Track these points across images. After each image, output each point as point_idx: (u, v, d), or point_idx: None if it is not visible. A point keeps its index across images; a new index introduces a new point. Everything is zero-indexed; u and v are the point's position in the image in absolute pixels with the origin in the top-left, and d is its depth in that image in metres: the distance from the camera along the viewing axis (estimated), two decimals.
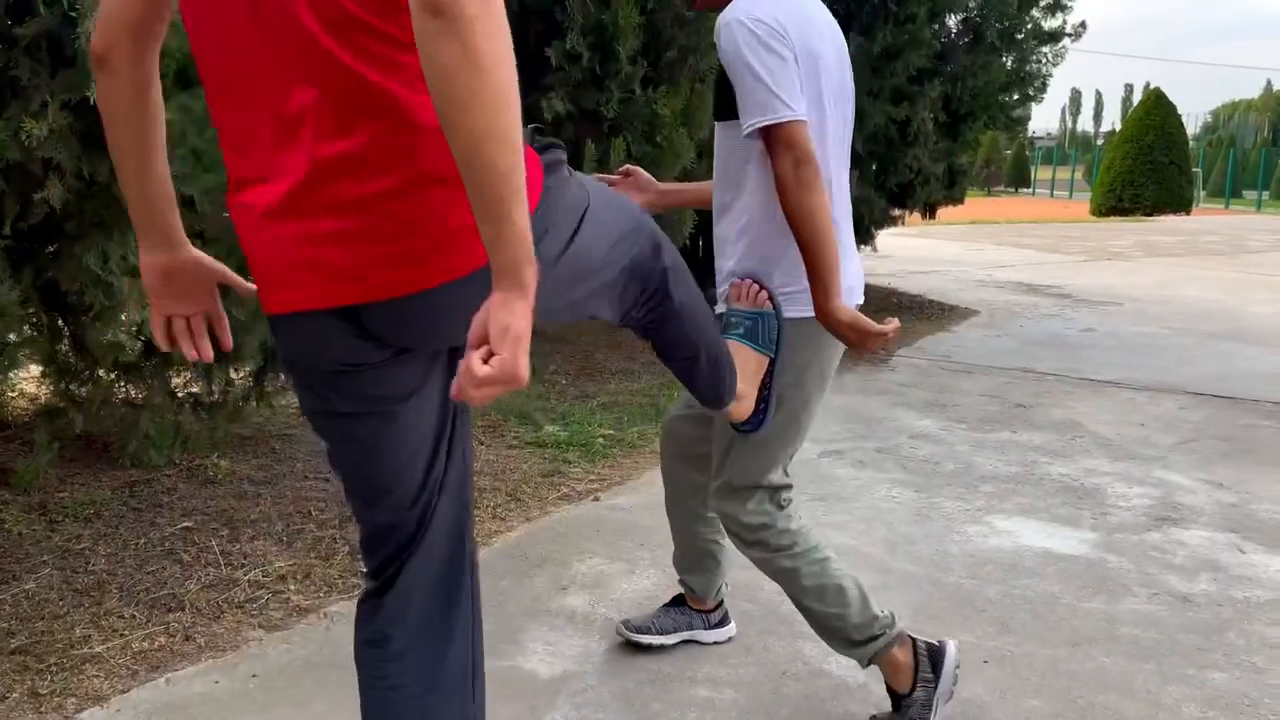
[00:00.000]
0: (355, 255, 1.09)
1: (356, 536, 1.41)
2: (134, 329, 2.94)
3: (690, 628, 2.36)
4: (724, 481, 1.97)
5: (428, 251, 1.09)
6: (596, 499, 3.32)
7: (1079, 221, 19.97)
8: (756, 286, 1.85)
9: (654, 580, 2.70)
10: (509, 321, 0.99)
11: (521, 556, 2.82)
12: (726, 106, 1.80)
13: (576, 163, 4.49)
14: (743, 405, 1.85)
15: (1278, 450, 4.10)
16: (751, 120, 1.72)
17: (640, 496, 3.34)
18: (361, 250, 1.09)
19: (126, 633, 2.29)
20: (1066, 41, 7.69)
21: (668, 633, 2.34)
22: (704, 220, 6.35)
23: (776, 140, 1.71)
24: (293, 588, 2.55)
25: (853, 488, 3.52)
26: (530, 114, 4.64)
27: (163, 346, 1.38)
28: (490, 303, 1.00)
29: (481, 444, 3.82)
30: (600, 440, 3.90)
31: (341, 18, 1.05)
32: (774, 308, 1.84)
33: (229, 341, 1.41)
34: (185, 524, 2.91)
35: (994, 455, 3.95)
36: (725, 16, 1.75)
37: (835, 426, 4.20)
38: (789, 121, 1.69)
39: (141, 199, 1.27)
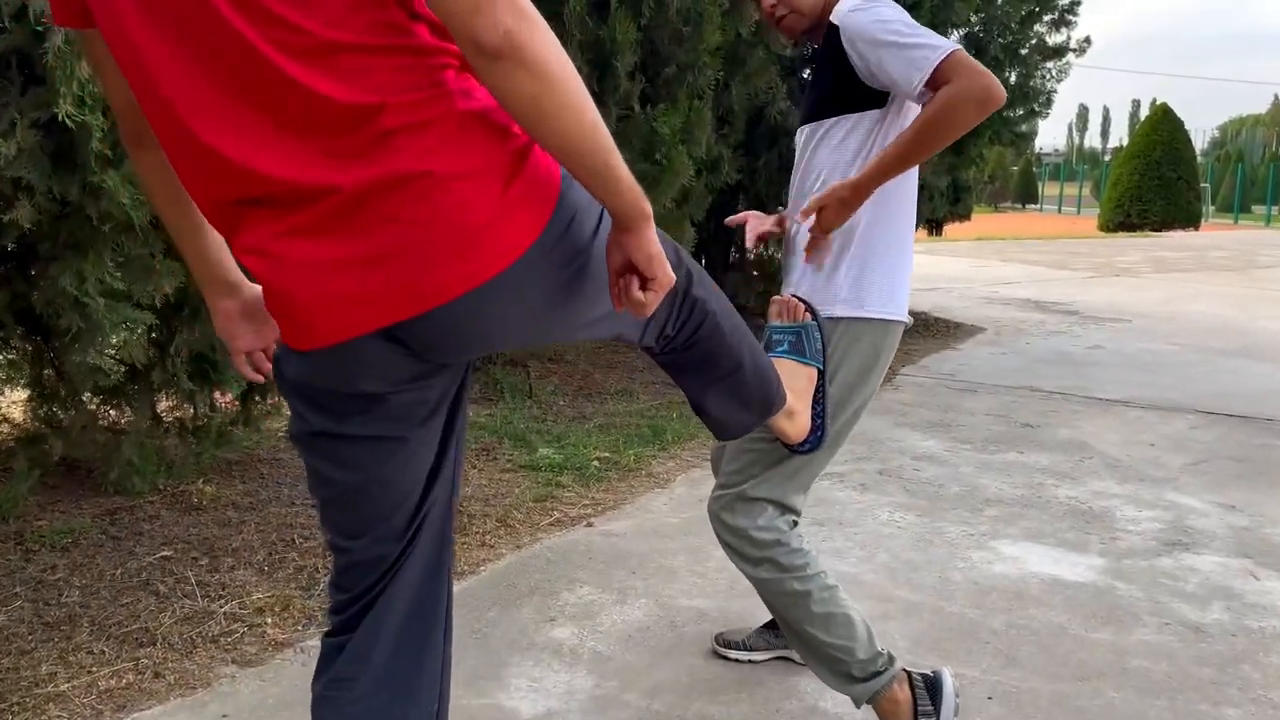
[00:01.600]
0: (397, 267, 1.05)
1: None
2: (113, 352, 2.87)
3: (785, 647, 2.32)
4: (738, 491, 1.92)
5: (468, 248, 1.06)
6: (589, 524, 3.23)
7: (1087, 237, 19.86)
8: (795, 301, 1.85)
9: (645, 611, 2.61)
10: (650, 250, 1.12)
11: (509, 586, 2.73)
12: (835, 103, 1.88)
13: None
14: (797, 423, 1.80)
15: None
16: (919, 72, 1.72)
17: (634, 522, 3.25)
18: (401, 261, 1.05)
19: (94, 669, 2.20)
20: (1071, 57, 7.62)
21: (758, 650, 2.34)
22: (707, 234, 6.29)
23: (950, 66, 1.70)
24: (270, 621, 2.46)
25: (853, 512, 3.42)
26: None
27: (253, 379, 1.43)
28: (624, 240, 1.12)
29: (474, 467, 3.74)
30: (595, 463, 3.81)
31: (310, 45, 1.02)
32: (814, 318, 1.84)
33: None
34: (165, 553, 2.82)
35: (1000, 477, 3.85)
36: (839, 16, 1.84)
37: None
38: (957, 49, 1.71)
39: (195, 254, 1.33)
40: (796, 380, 1.80)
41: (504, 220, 1.06)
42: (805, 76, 6.74)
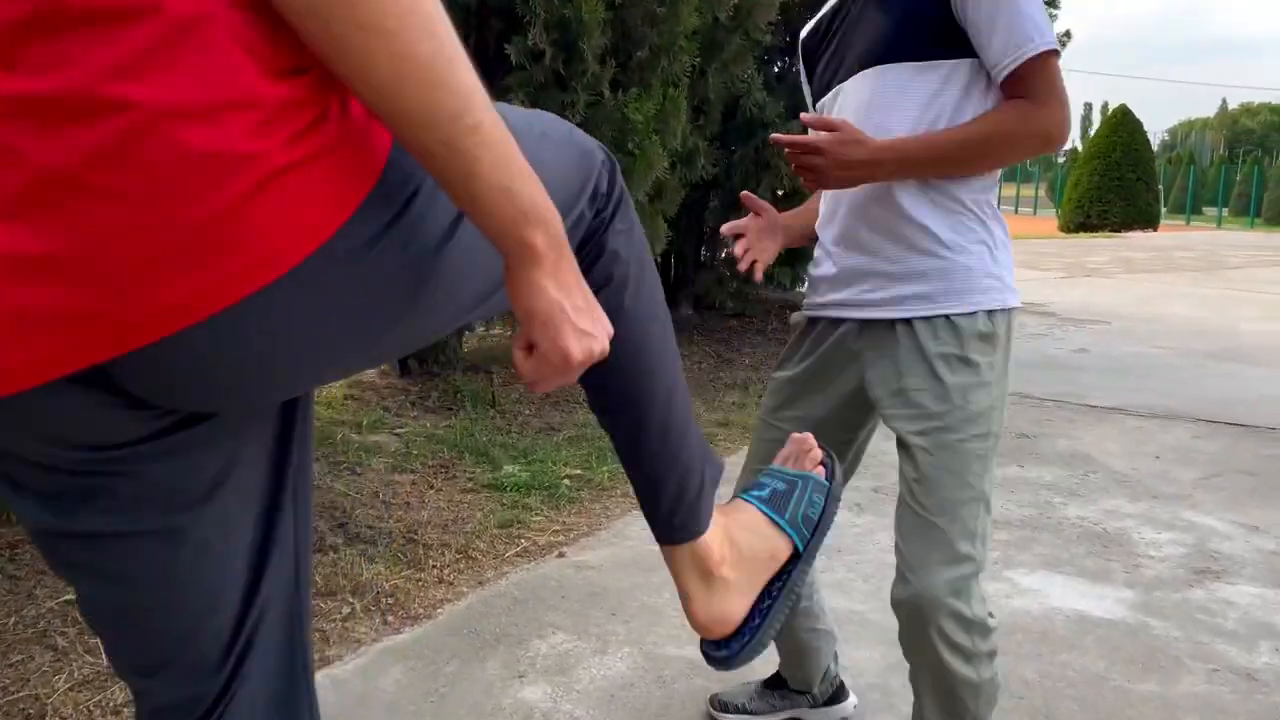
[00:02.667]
0: (92, 272, 0.62)
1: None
2: None
3: (794, 707, 2.02)
4: (978, 565, 1.53)
5: (210, 242, 0.63)
6: (561, 555, 2.88)
7: (1051, 237, 19.86)
8: (812, 443, 1.28)
9: (628, 663, 2.27)
10: (528, 304, 0.77)
11: (472, 633, 2.38)
12: (908, 45, 1.51)
13: None
14: (726, 606, 1.15)
15: None
16: (1015, 53, 1.41)
17: (610, 551, 2.91)
18: (99, 262, 0.62)
19: None
20: None
21: (761, 713, 2.02)
22: (679, 230, 5.96)
23: (1050, 74, 1.43)
24: None
25: (852, 536, 3.11)
26: None
27: None
28: (506, 282, 0.78)
29: (431, 488, 3.38)
30: (566, 482, 3.46)
31: None
32: (829, 475, 1.24)
33: None
34: (69, 596, 2.43)
35: (1004, 495, 3.56)
36: None
37: None
38: (1055, 52, 1.43)
39: None
40: (757, 542, 1.16)
41: (278, 195, 0.65)
42: (781, 66, 6.43)
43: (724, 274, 6.54)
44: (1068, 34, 7.45)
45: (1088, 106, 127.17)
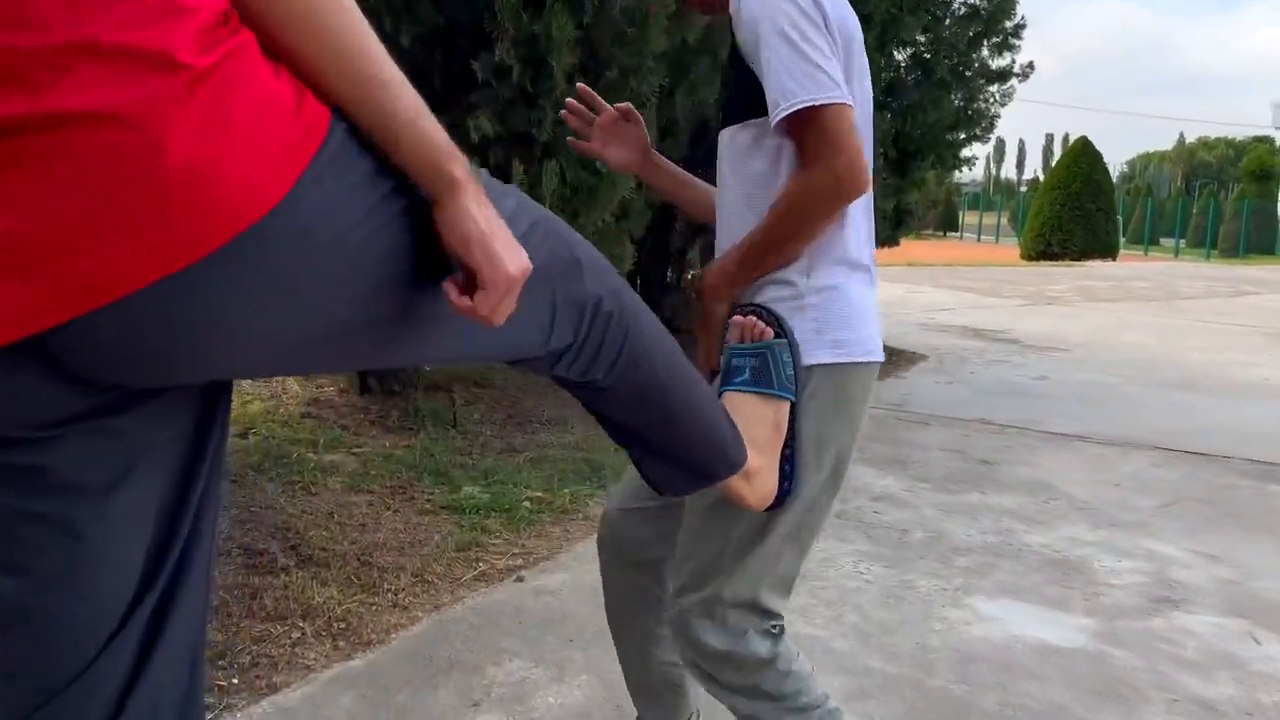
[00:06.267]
0: (28, 240, 0.62)
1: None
2: None
3: None
4: (707, 596, 1.43)
5: (154, 204, 0.64)
6: (519, 579, 2.83)
7: (1012, 265, 20.11)
8: (756, 319, 1.39)
9: (587, 690, 2.22)
10: (463, 229, 0.82)
11: (425, 660, 2.32)
12: (747, 104, 1.39)
13: None
14: (759, 486, 1.35)
15: (1263, 515, 3.78)
16: (788, 102, 1.30)
17: (570, 575, 2.86)
18: (37, 230, 0.62)
19: None
20: (1014, 82, 7.52)
21: None
22: (645, 251, 5.95)
23: (819, 127, 1.30)
24: None
25: (815, 561, 3.08)
26: (455, 134, 4.18)
27: None
28: (435, 216, 0.82)
29: (388, 509, 3.31)
30: (526, 504, 3.41)
31: None
32: (785, 334, 1.38)
33: None
34: None
35: (966, 521, 3.56)
36: None
37: None
38: (838, 104, 1.30)
39: None
40: (758, 428, 1.36)
41: (212, 167, 0.66)
42: None
43: (691, 296, 6.53)
44: (1031, 65, 7.55)
45: (1049, 137, 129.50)
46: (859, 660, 2.44)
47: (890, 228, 7.50)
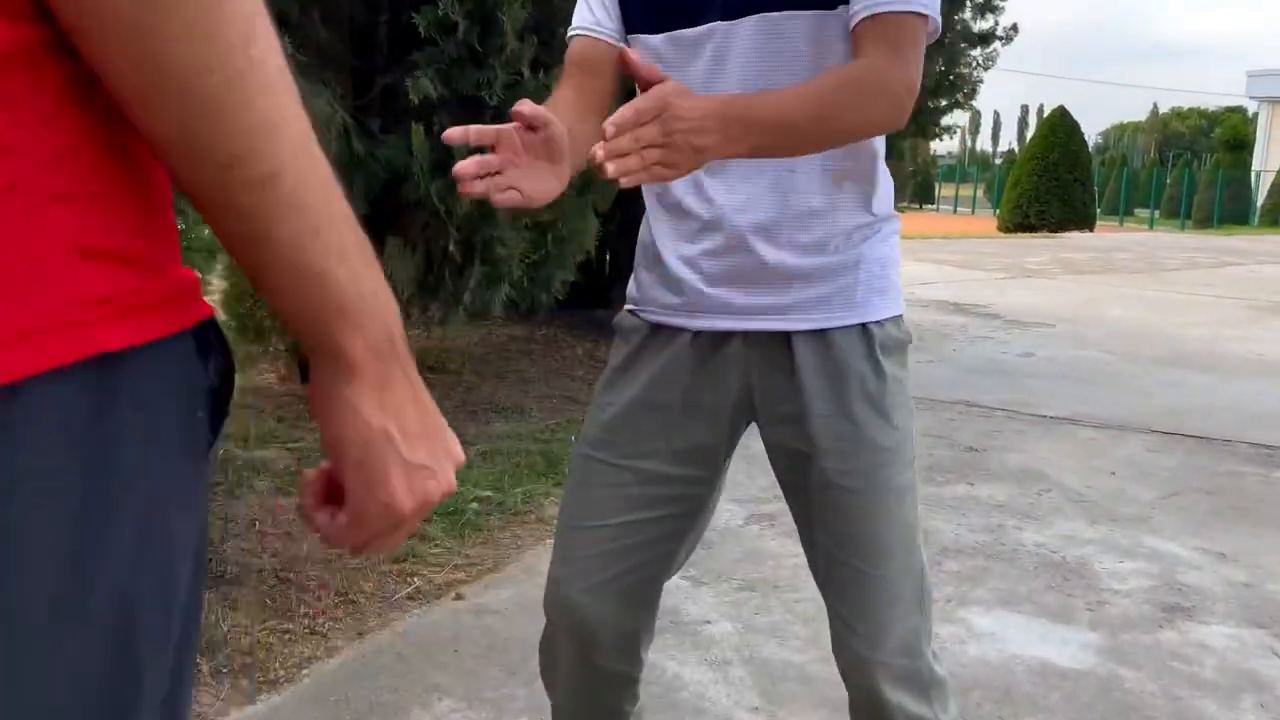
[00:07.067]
0: None
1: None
2: None
3: None
4: (918, 668, 1.29)
5: None
6: (459, 597, 2.52)
7: (990, 237, 19.89)
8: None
9: None
10: (335, 431, 0.58)
11: (341, 701, 2.00)
12: None
13: (450, 155, 3.69)
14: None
15: (1272, 507, 3.52)
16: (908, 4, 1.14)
17: (517, 590, 2.55)
18: None
19: None
20: (998, 45, 7.22)
21: None
22: (614, 226, 5.60)
23: (914, 40, 1.16)
24: None
25: (789, 569, 2.78)
26: (393, 96, 3.83)
27: None
28: (310, 397, 0.59)
29: None
30: (473, 506, 3.09)
31: None
32: None
33: None
34: None
35: (954, 517, 3.27)
36: None
37: (763, 479, 3.47)
38: (933, 23, 1.18)
39: None
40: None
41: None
42: None
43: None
44: (1015, 27, 7.25)
45: (1024, 109, 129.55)
46: (842, 691, 2.14)
47: None
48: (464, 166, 1.00)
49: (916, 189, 44.44)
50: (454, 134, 1.01)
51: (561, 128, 1.07)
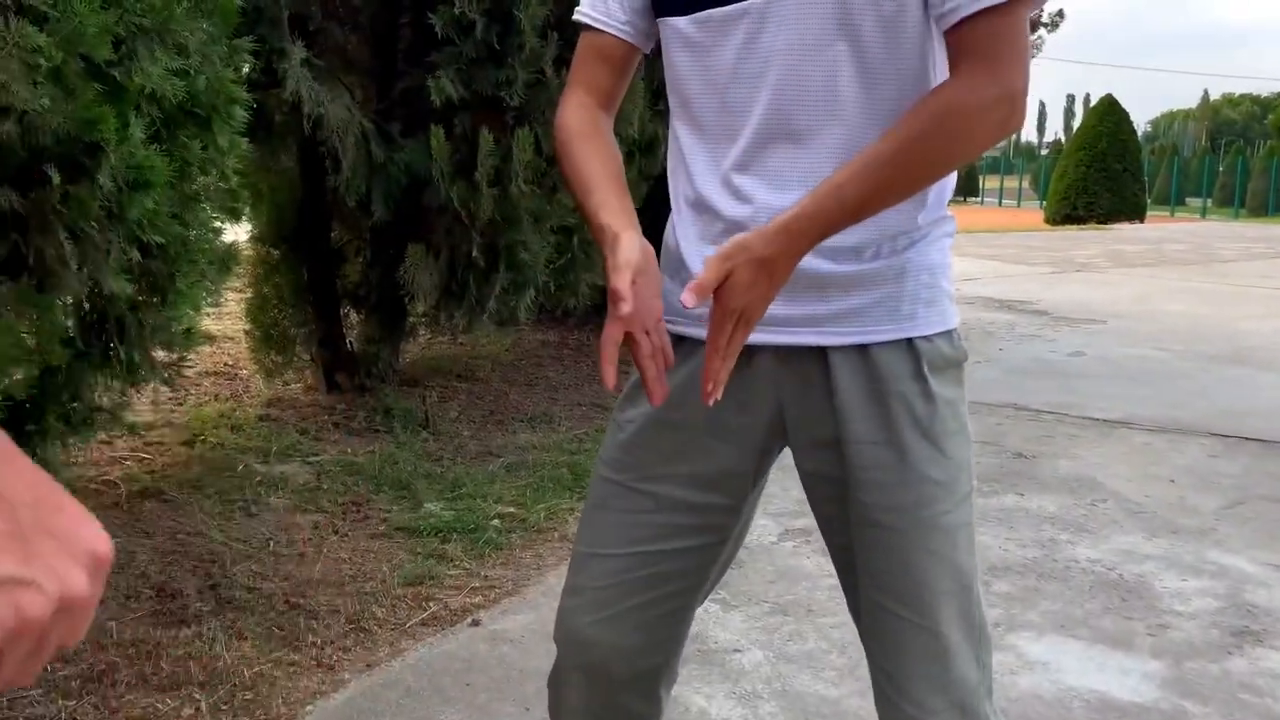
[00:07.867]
0: None
1: None
2: None
3: None
4: (973, 702, 1.16)
5: None
6: (475, 623, 2.40)
7: (1037, 230, 19.48)
8: None
9: None
10: None
11: None
12: None
13: (471, 158, 3.57)
14: None
15: None
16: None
17: (536, 616, 2.43)
18: None
19: None
20: (1043, 32, 6.97)
21: None
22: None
23: (1012, 28, 1.01)
24: None
25: (824, 591, 2.63)
26: (413, 98, 3.72)
27: None
28: None
29: (335, 533, 2.88)
30: (495, 523, 2.97)
31: None
32: None
33: None
34: None
35: (1002, 531, 3.10)
36: None
37: (797, 490, 3.30)
38: (1024, 4, 1.03)
39: None
40: None
41: None
42: None
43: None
44: (1060, 14, 7.00)
45: (1070, 98, 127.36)
46: None
47: None
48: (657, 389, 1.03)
49: (960, 182, 43.87)
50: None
51: (655, 275, 1.07)
